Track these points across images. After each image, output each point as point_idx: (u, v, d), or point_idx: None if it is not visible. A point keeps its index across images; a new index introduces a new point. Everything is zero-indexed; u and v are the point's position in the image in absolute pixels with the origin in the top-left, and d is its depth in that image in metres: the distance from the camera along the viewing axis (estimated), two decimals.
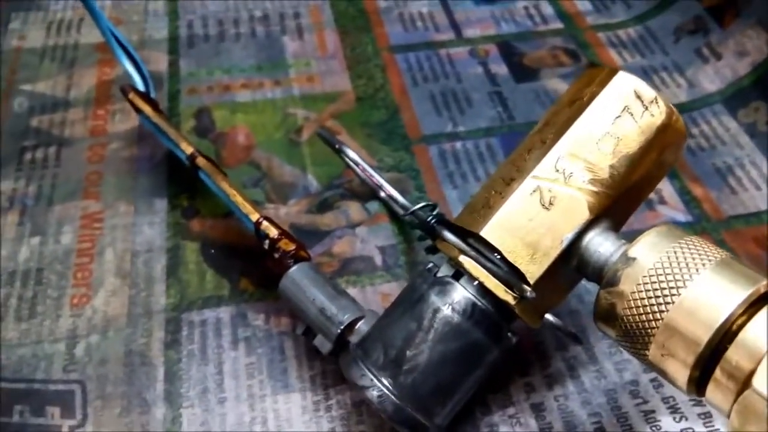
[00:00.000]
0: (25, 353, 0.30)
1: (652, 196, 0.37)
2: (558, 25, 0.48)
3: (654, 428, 0.28)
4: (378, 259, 0.34)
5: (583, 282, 0.27)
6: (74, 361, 0.29)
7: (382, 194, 0.36)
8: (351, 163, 0.33)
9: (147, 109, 0.34)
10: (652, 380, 0.29)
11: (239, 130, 0.40)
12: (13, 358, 0.29)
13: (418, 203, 0.27)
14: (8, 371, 0.29)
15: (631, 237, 0.34)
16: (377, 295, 0.32)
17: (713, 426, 0.28)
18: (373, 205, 0.36)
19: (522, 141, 0.27)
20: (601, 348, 0.30)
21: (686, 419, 0.28)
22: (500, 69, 0.45)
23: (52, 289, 0.32)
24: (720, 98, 0.42)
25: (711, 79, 0.44)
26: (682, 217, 0.36)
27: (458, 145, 0.40)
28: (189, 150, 0.32)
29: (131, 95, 0.35)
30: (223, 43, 0.46)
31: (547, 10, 0.50)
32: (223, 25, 0.47)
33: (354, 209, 0.36)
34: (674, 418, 0.28)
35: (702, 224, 0.36)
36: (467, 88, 0.43)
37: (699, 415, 0.28)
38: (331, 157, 0.37)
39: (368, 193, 0.37)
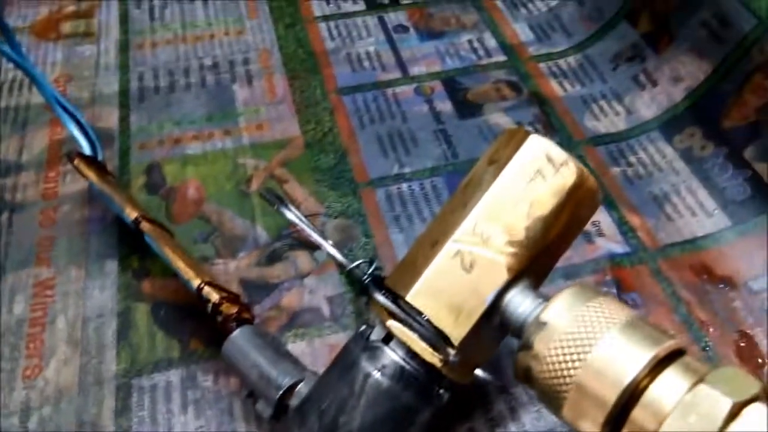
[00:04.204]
0: None
1: (590, 228, 0.38)
2: (501, 57, 0.49)
3: None
4: (326, 310, 0.35)
5: None
6: None
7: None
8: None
9: (92, 175, 0.35)
10: None
11: (190, 183, 0.41)
12: None
13: (363, 250, 0.28)
14: None
15: (571, 272, 0.35)
16: (325, 347, 0.33)
17: None
18: (322, 254, 0.37)
19: (449, 199, 0.28)
20: None
21: None
22: (445, 106, 0.46)
23: (6, 362, 0.32)
24: (656, 124, 0.44)
25: (648, 105, 0.45)
26: (619, 248, 0.37)
27: (404, 186, 0.41)
28: (133, 215, 0.33)
29: (77, 161, 0.36)
30: (174, 94, 0.47)
31: (491, 42, 0.51)
32: (173, 75, 0.48)
33: (302, 259, 0.37)
34: None
35: (639, 254, 0.37)
36: (413, 128, 0.44)
37: None
38: None
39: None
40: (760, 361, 0.33)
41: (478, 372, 0.26)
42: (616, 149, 0.43)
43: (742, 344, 0.34)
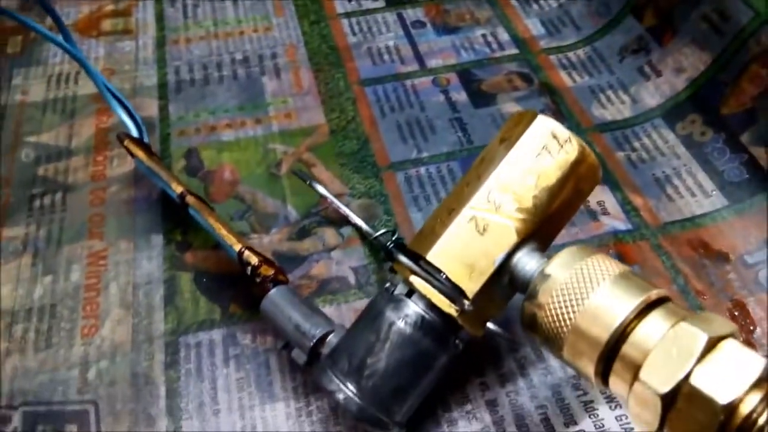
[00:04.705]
0: (44, 380, 0.34)
1: (595, 207, 0.41)
2: (513, 50, 0.53)
3: (592, 416, 0.32)
4: (352, 279, 0.38)
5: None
6: (87, 384, 0.34)
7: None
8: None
9: (141, 154, 0.39)
10: None
11: (225, 167, 0.44)
12: (34, 385, 0.34)
13: (384, 227, 0.32)
14: (30, 396, 0.33)
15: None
16: (351, 311, 0.36)
17: None
18: (347, 230, 0.41)
19: (464, 175, 0.31)
20: None
21: (620, 407, 0.32)
22: (460, 96, 0.49)
23: (65, 322, 0.36)
24: (660, 112, 0.47)
25: (652, 94, 0.48)
26: (622, 225, 0.40)
27: (422, 170, 0.44)
28: (179, 189, 0.36)
29: (126, 142, 0.40)
30: (208, 87, 0.50)
31: (503, 36, 0.54)
32: (207, 69, 0.52)
33: (329, 234, 0.40)
34: (610, 407, 0.32)
35: (641, 231, 0.40)
36: (430, 116, 0.48)
37: None
38: (308, 188, 0.41)
39: (342, 219, 0.41)
40: (752, 328, 0.36)
41: (490, 325, 0.29)
42: (621, 135, 0.46)
43: (736, 312, 0.37)
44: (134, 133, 0.41)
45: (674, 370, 0.22)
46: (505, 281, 0.28)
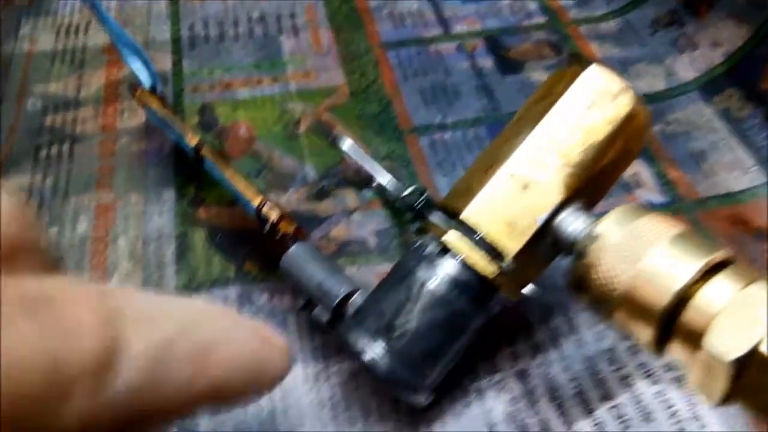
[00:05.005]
0: None
1: (629, 180, 0.39)
2: (541, 19, 0.51)
3: (629, 391, 0.30)
4: (372, 242, 0.36)
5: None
6: None
7: (375, 183, 0.39)
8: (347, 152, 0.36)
9: (154, 103, 0.37)
10: (629, 348, 0.32)
11: (241, 124, 0.42)
12: None
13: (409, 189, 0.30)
14: None
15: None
16: (372, 275, 0.35)
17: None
18: (368, 193, 0.39)
19: (499, 134, 0.29)
20: (581, 319, 0.33)
21: (659, 383, 0.30)
22: (486, 63, 0.47)
23: (70, 274, 0.34)
24: (695, 86, 0.45)
25: (687, 68, 0.46)
26: (658, 198, 0.39)
27: (447, 135, 0.42)
28: (194, 141, 0.34)
29: (139, 92, 0.37)
30: (223, 44, 0.48)
31: (531, 5, 0.52)
32: (222, 26, 0.50)
33: (349, 196, 0.39)
34: (648, 383, 0.30)
35: (676, 205, 0.38)
36: (455, 82, 0.46)
37: (672, 379, 0.30)
38: (327, 148, 0.39)
39: (362, 181, 0.39)
40: None
41: (527, 290, 0.27)
42: (655, 108, 0.44)
43: None
44: (148, 82, 0.39)
45: (745, 336, 0.20)
46: (548, 241, 0.26)
